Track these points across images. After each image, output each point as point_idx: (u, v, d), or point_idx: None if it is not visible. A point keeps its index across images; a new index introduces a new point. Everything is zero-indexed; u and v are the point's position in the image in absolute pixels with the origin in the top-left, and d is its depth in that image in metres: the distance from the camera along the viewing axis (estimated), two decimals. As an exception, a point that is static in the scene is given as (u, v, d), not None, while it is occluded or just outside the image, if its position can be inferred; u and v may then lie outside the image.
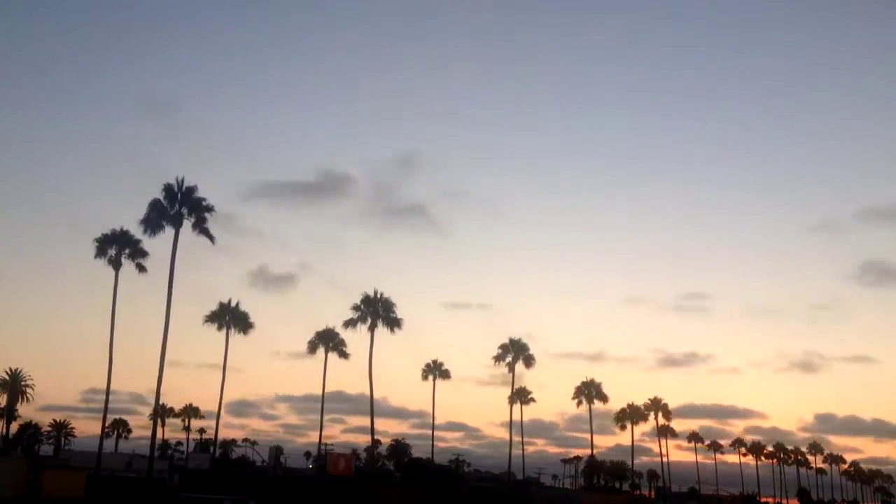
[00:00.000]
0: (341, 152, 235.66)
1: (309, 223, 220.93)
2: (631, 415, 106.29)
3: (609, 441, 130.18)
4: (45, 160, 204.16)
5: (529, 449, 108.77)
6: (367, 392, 72.87)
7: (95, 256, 57.57)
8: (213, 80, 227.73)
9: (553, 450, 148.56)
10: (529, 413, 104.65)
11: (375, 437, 78.17)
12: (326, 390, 78.22)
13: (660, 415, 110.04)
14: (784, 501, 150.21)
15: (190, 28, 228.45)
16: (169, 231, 54.70)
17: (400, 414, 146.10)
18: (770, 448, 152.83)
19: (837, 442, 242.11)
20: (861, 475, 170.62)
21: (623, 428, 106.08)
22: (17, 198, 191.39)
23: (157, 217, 54.59)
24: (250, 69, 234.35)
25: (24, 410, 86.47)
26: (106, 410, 59.45)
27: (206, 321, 72.13)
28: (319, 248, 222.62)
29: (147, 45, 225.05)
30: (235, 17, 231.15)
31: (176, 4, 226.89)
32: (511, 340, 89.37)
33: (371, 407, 74.60)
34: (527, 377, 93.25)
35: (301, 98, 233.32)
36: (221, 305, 72.77)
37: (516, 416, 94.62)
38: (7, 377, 79.52)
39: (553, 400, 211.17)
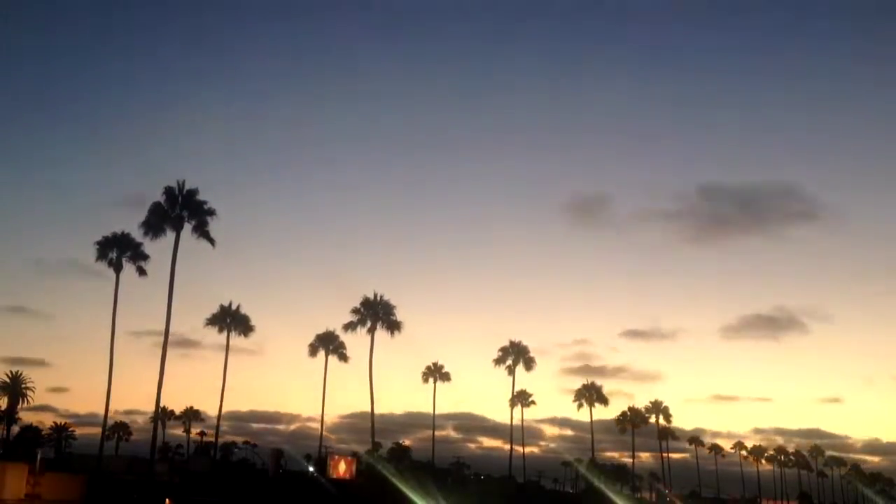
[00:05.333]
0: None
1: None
2: (632, 417, 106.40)
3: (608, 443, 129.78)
4: (46, 161, 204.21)
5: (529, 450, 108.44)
6: (368, 394, 73.44)
7: (97, 259, 57.82)
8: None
9: (553, 452, 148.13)
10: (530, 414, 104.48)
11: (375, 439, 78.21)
12: (327, 392, 78.62)
13: (660, 417, 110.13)
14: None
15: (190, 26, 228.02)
16: (170, 234, 54.89)
17: (401, 417, 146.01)
18: (771, 451, 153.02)
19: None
20: (862, 478, 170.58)
21: (623, 431, 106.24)
22: (18, 199, 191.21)
23: (158, 220, 54.76)
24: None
25: (25, 413, 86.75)
26: (106, 413, 59.66)
27: (207, 324, 72.43)
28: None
29: (150, 47, 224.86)
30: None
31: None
32: (511, 343, 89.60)
33: (371, 408, 74.92)
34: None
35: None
36: (222, 308, 72.96)
37: (517, 419, 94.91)
38: (7, 380, 79.60)
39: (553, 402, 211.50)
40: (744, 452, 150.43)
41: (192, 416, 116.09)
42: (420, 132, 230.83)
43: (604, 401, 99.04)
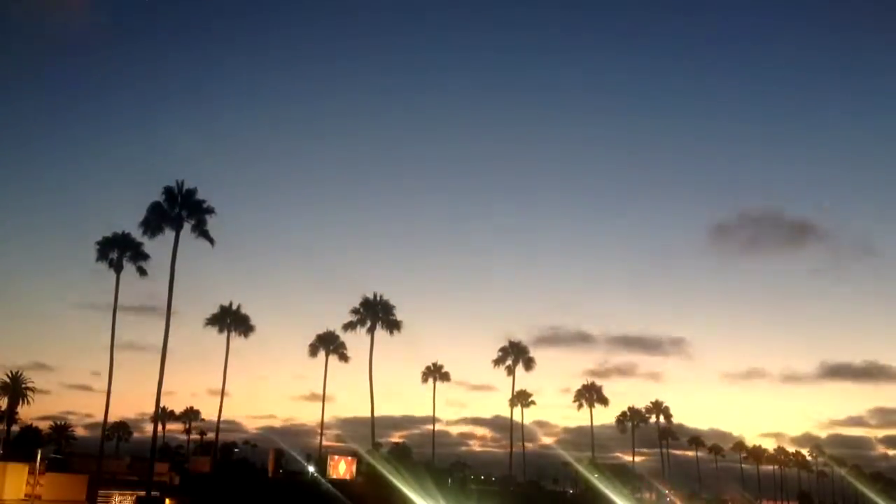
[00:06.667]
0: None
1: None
2: (632, 417, 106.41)
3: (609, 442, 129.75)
4: (47, 162, 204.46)
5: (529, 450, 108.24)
6: (368, 394, 73.43)
7: (97, 259, 57.64)
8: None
9: (553, 452, 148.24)
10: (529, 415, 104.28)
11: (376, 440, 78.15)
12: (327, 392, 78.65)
13: (661, 417, 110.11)
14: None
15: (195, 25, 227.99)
16: (169, 234, 54.74)
17: (401, 417, 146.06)
18: (771, 451, 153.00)
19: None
20: (862, 478, 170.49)
21: (624, 431, 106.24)
22: (19, 200, 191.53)
23: (157, 220, 54.59)
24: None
25: (25, 413, 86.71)
26: (107, 413, 59.26)
27: (207, 324, 72.33)
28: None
29: (151, 48, 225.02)
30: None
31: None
32: (511, 343, 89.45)
33: (371, 408, 74.87)
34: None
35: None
36: (222, 308, 72.89)
37: (517, 419, 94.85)
38: (8, 380, 79.55)
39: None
40: (744, 452, 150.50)
41: (192, 416, 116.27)
42: (420, 133, 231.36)
43: (604, 401, 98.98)
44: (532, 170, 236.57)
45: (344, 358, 79.83)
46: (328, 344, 79.37)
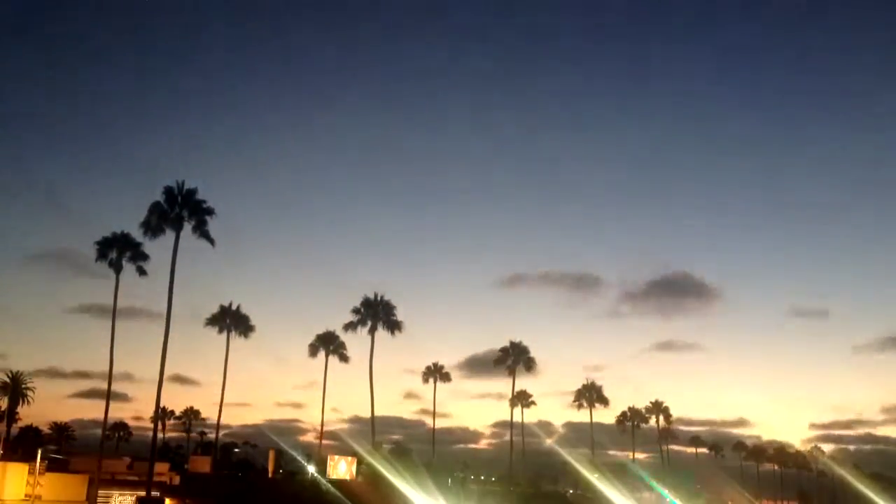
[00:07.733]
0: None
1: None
2: (632, 417, 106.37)
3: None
4: (49, 162, 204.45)
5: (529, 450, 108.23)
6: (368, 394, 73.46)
7: (97, 259, 57.58)
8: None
9: (553, 451, 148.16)
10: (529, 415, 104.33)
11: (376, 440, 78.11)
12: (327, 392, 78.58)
13: (661, 418, 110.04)
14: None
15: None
16: (169, 234, 54.66)
17: (401, 417, 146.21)
18: (771, 451, 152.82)
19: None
20: (863, 478, 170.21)
21: (624, 431, 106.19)
22: (20, 200, 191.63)
23: (158, 220, 54.50)
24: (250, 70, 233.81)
25: (24, 413, 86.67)
26: (106, 413, 59.29)
27: (207, 324, 72.27)
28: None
29: (151, 47, 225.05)
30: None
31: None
32: (512, 343, 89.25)
33: (371, 408, 74.85)
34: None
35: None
36: (222, 308, 72.83)
37: (517, 419, 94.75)
38: (8, 380, 79.50)
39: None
40: (743, 452, 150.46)
41: (192, 415, 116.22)
42: (419, 133, 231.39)
43: (604, 401, 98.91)
44: (533, 169, 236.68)
45: (344, 358, 79.80)
46: (328, 344, 79.29)
